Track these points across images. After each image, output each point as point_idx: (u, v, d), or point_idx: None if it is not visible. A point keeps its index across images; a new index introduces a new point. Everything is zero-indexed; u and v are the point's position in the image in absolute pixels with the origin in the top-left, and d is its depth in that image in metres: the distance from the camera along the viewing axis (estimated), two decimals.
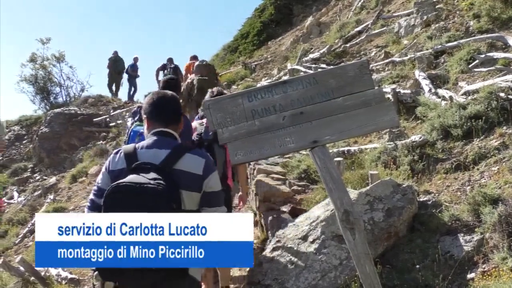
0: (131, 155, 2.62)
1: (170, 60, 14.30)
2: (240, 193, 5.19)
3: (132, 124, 4.46)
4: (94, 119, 17.39)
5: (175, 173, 2.53)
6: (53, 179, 14.26)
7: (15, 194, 15.12)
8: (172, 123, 2.79)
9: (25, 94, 22.32)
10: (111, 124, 16.67)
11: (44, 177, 15.30)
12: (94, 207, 2.55)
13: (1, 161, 18.34)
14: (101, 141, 15.67)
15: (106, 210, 2.33)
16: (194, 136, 4.84)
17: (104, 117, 17.42)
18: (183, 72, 13.08)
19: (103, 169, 2.70)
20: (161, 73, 14.24)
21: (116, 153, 2.71)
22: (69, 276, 6.46)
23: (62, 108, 18.90)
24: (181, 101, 9.49)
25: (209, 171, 2.67)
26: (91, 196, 2.64)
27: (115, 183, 2.40)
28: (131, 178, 2.42)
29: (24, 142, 19.31)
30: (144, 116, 2.85)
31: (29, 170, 16.95)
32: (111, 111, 17.77)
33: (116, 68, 19.02)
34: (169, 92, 2.94)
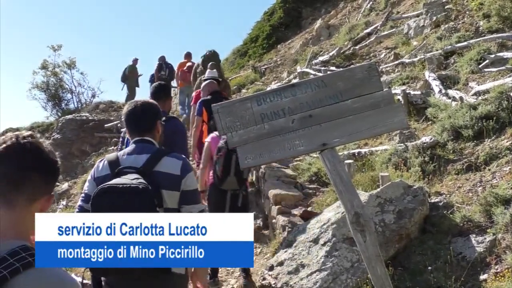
0: (113, 162, 2.84)
1: (163, 59, 14.98)
2: None
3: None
4: (106, 125, 17.44)
5: (155, 174, 2.74)
6: (65, 185, 14.32)
7: None
8: (146, 131, 2.99)
9: (37, 101, 22.36)
10: (122, 130, 16.69)
11: (57, 183, 15.39)
12: (83, 212, 2.75)
13: None
14: (112, 147, 15.70)
15: (94, 210, 2.55)
16: (221, 143, 4.92)
17: (115, 122, 17.46)
18: (176, 71, 13.86)
19: (89, 177, 2.91)
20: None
21: (100, 161, 2.93)
22: (84, 282, 6.47)
23: (73, 115, 18.98)
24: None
25: (186, 171, 2.86)
26: (79, 202, 2.86)
27: (100, 185, 2.61)
28: (115, 181, 2.63)
29: None
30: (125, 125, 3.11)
31: None
32: (122, 117, 17.84)
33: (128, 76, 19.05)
34: (140, 102, 3.11)
